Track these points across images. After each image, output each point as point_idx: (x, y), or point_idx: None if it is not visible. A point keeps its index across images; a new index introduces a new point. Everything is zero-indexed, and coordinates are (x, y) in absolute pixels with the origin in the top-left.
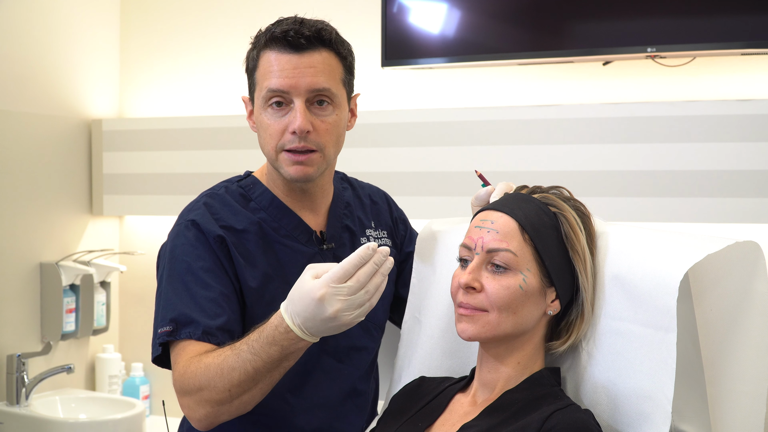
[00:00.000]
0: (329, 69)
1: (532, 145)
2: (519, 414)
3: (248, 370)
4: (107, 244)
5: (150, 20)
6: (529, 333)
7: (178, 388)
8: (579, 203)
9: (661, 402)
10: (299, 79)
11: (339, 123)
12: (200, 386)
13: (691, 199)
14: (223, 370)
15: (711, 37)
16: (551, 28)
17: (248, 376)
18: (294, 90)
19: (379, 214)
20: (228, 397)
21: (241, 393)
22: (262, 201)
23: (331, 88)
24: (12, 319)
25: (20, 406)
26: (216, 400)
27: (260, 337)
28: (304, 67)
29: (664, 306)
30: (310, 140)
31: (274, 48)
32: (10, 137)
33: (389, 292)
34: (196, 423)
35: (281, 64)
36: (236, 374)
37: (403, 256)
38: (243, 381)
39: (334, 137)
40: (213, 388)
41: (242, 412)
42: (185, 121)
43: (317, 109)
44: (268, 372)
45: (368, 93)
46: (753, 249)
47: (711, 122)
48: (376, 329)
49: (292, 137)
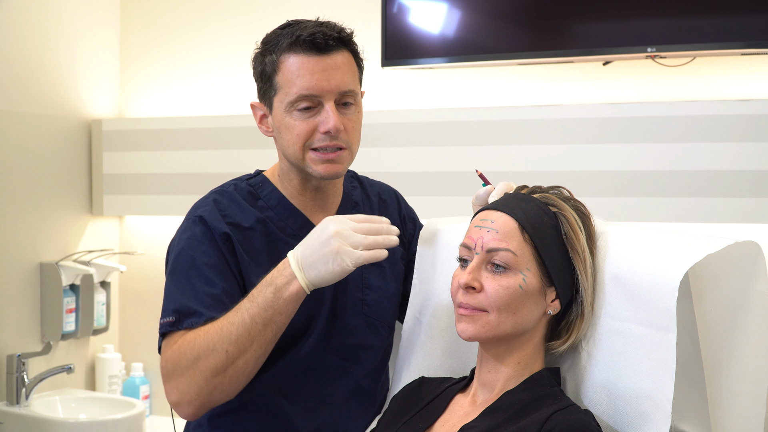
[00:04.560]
0: (351, 69)
1: (532, 145)
2: (519, 415)
3: (245, 322)
4: (107, 244)
5: (150, 20)
6: (529, 333)
7: (170, 368)
8: (579, 203)
9: (661, 402)
10: (330, 82)
11: (360, 121)
12: (198, 354)
13: (691, 199)
14: (222, 328)
15: (711, 37)
16: (551, 28)
17: (246, 332)
18: (325, 92)
19: (388, 212)
20: (224, 360)
21: (237, 355)
22: (270, 200)
23: (355, 89)
24: (12, 319)
25: (20, 406)
26: (212, 368)
27: (262, 283)
28: (332, 69)
29: (664, 306)
30: (341, 139)
31: (299, 51)
32: (10, 137)
33: (396, 290)
34: (186, 407)
35: (310, 67)
36: (234, 328)
37: (411, 255)
38: (240, 336)
39: (358, 135)
40: (211, 352)
41: (234, 387)
42: (185, 121)
43: (343, 108)
44: (262, 325)
45: (368, 93)
46: (753, 249)
47: (711, 122)
48: (384, 327)
49: (323, 136)
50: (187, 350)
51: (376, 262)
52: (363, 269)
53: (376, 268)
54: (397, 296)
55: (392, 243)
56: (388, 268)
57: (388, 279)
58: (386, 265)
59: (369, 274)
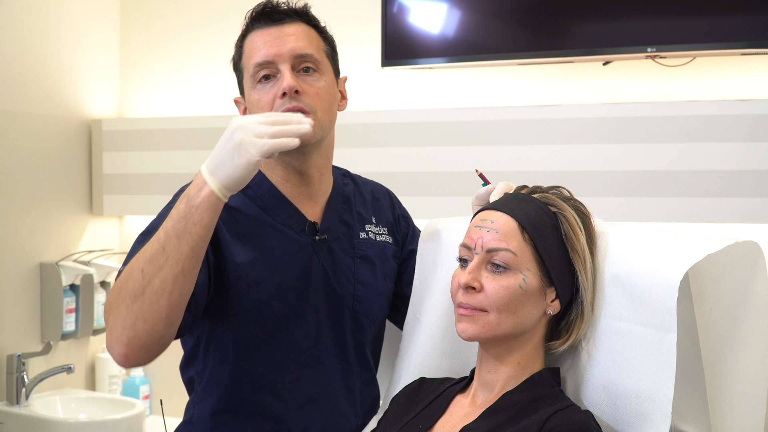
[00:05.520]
0: (309, 37)
1: (532, 145)
2: (519, 416)
3: (159, 236)
4: (107, 244)
5: (150, 20)
6: (529, 333)
7: (105, 314)
8: (579, 203)
9: (661, 402)
10: (282, 47)
11: (329, 91)
12: (120, 285)
13: (691, 199)
14: (143, 251)
15: (711, 37)
16: (551, 28)
17: (159, 244)
18: (278, 57)
19: (381, 211)
20: (141, 281)
21: (153, 274)
22: (260, 189)
23: (313, 54)
24: (12, 319)
25: (20, 406)
26: (131, 292)
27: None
28: (284, 36)
29: (664, 306)
30: (301, 101)
31: (254, 28)
32: (10, 137)
33: (387, 288)
34: (116, 346)
35: (263, 38)
36: (149, 246)
37: (405, 254)
38: (155, 253)
39: (325, 103)
40: (129, 275)
41: (155, 314)
42: (185, 121)
43: (304, 75)
44: (176, 237)
45: (368, 93)
46: (753, 249)
47: (711, 122)
48: (370, 324)
49: (283, 101)
50: (114, 287)
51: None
52: (355, 265)
53: (367, 264)
54: (387, 294)
55: (303, 131)
56: (380, 266)
57: (378, 276)
58: (377, 262)
59: (360, 269)
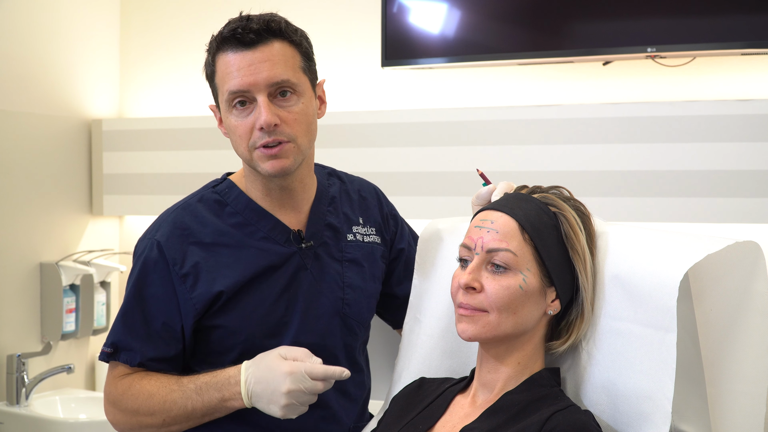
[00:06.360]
0: (285, 59)
1: (532, 145)
2: (519, 416)
3: (187, 408)
4: (107, 244)
5: (150, 20)
6: (529, 333)
7: (111, 399)
8: (579, 203)
9: (661, 402)
10: (257, 76)
11: (307, 111)
12: (137, 410)
13: (691, 199)
14: (166, 403)
15: (711, 37)
16: (551, 28)
17: (185, 414)
18: (254, 87)
19: (368, 210)
20: (160, 424)
21: (172, 424)
22: (238, 205)
23: (290, 78)
24: (12, 319)
25: (20, 406)
26: (147, 425)
27: (211, 381)
28: (259, 62)
29: (664, 306)
30: (280, 132)
31: (227, 49)
32: (10, 137)
33: (375, 290)
34: (118, 428)
35: (237, 63)
36: (176, 409)
37: (394, 254)
38: (178, 416)
39: (304, 126)
40: (150, 416)
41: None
42: (185, 121)
43: (281, 101)
44: (201, 415)
45: (368, 93)
46: (753, 249)
47: (711, 122)
48: (359, 327)
49: (261, 133)
50: (129, 399)
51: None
52: (343, 269)
53: (356, 267)
54: (375, 296)
55: (344, 377)
56: (368, 268)
57: (367, 279)
58: (365, 264)
59: (348, 273)
